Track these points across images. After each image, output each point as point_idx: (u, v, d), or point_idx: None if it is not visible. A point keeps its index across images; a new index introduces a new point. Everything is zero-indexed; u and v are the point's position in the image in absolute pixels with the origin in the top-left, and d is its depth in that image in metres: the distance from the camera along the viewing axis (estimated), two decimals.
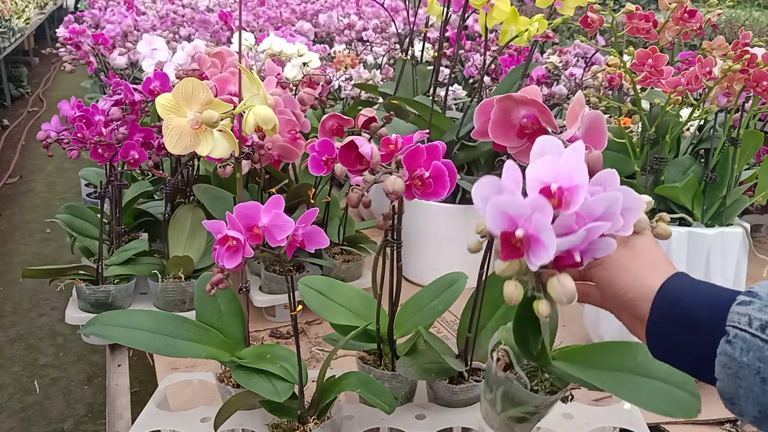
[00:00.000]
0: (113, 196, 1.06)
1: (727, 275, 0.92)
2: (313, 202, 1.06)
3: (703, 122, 1.06)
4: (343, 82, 1.64)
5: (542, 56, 1.94)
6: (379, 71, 1.67)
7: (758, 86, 0.83)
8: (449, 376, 0.76)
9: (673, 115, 0.93)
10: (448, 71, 1.53)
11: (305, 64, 1.26)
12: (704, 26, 0.96)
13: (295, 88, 1.14)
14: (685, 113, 0.98)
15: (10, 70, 6.16)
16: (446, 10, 1.13)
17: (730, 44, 0.91)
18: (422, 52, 1.47)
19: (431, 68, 1.32)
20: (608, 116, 1.21)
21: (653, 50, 0.87)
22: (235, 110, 0.70)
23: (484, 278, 0.71)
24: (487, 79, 1.69)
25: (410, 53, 1.37)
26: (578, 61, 1.68)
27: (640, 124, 0.93)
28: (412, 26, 1.40)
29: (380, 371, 0.76)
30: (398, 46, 1.92)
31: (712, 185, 0.94)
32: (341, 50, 2.06)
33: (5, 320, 2.51)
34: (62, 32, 1.75)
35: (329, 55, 2.12)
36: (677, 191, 0.93)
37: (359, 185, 0.64)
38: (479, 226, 0.44)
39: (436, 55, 1.16)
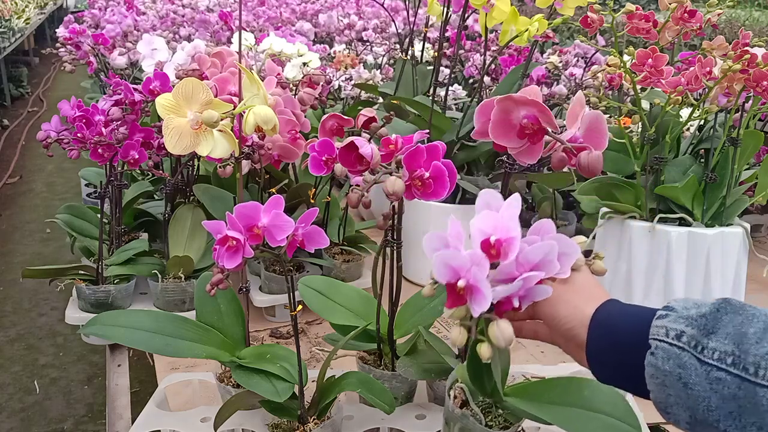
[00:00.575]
0: (113, 196, 1.06)
1: (727, 275, 0.92)
2: (313, 202, 1.06)
3: (703, 122, 1.06)
4: (343, 82, 1.64)
5: (542, 56, 1.95)
6: (379, 71, 1.67)
7: (758, 86, 0.83)
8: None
9: (673, 115, 0.93)
10: (448, 71, 1.53)
11: (305, 64, 1.26)
12: (704, 26, 0.96)
13: (295, 88, 1.14)
14: (685, 113, 0.98)
15: (10, 70, 6.16)
16: (446, 10, 1.13)
17: (730, 44, 0.91)
18: (422, 52, 1.46)
19: (431, 68, 1.32)
20: (608, 116, 1.21)
21: (653, 50, 0.87)
22: (235, 110, 0.70)
23: None
24: (487, 79, 1.69)
25: (410, 53, 1.37)
26: (578, 61, 1.68)
27: (640, 124, 0.93)
28: (412, 26, 1.40)
29: (380, 371, 0.76)
30: (398, 46, 1.92)
31: (712, 185, 0.94)
32: (341, 50, 2.06)
33: (5, 320, 2.51)
34: (62, 32, 1.75)
35: (329, 55, 2.12)
36: (677, 191, 0.93)
37: (359, 185, 0.64)
38: (432, 273, 0.47)
39: (436, 55, 1.16)
